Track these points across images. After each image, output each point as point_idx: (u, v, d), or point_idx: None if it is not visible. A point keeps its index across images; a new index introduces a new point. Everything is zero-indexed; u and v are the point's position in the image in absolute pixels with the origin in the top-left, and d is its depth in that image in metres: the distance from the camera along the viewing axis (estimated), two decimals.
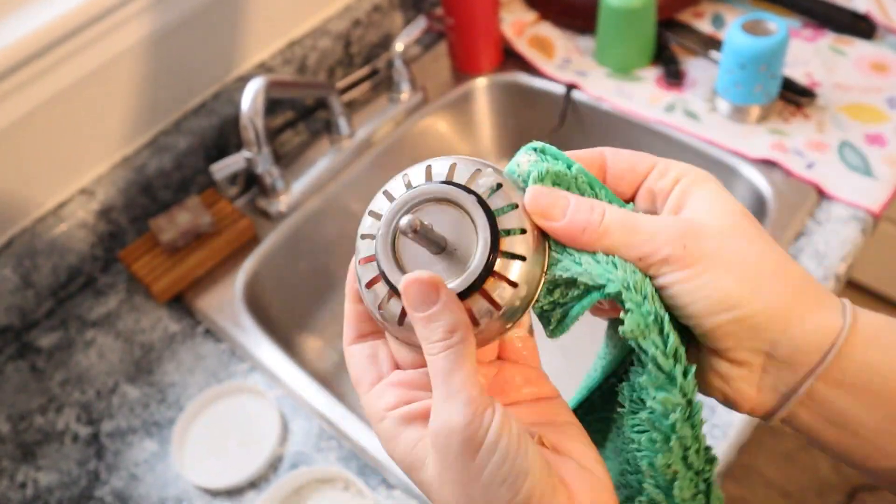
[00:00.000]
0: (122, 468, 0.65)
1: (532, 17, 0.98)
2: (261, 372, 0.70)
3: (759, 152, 0.78)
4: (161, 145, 0.80)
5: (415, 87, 0.91)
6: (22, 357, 0.74)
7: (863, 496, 1.42)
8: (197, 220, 0.76)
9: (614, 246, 0.29)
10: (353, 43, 0.93)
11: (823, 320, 0.28)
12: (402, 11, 0.98)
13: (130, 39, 0.74)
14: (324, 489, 0.63)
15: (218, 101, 0.84)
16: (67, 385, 0.71)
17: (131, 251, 0.77)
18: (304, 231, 0.83)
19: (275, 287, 0.81)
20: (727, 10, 0.95)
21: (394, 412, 0.30)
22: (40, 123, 0.71)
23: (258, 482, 0.63)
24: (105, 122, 0.77)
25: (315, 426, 0.66)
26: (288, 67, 0.87)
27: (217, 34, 0.82)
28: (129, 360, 0.72)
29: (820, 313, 0.29)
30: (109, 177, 0.78)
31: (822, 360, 0.28)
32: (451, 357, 0.27)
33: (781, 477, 1.45)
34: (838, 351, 0.28)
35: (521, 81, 0.93)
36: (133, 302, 0.77)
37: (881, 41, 0.87)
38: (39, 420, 0.69)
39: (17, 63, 0.66)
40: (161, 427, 0.67)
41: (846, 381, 0.28)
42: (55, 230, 0.74)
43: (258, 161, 0.76)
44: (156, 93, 0.80)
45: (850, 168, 0.76)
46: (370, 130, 0.88)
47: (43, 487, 0.65)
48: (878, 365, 0.28)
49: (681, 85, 0.87)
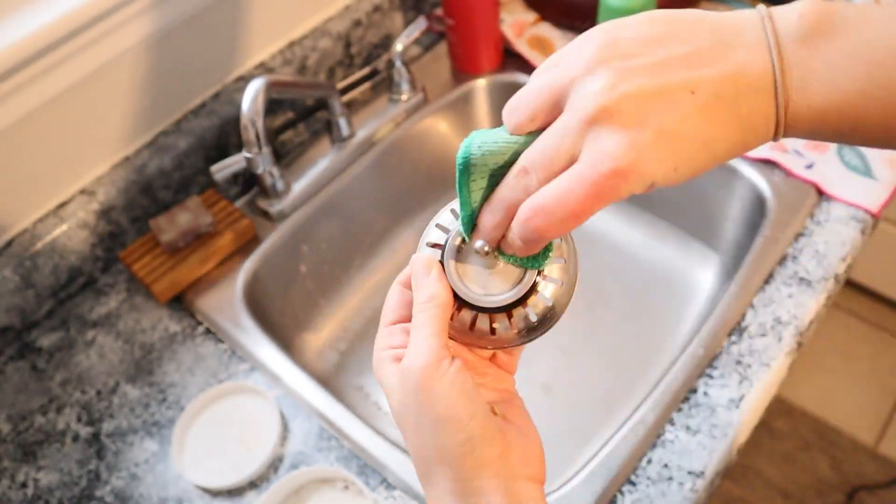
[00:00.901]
0: (123, 468, 0.65)
1: (532, 17, 0.98)
2: (261, 372, 0.70)
3: (759, 152, 0.78)
4: (161, 145, 0.80)
5: (415, 88, 0.91)
6: (22, 357, 0.74)
7: (862, 496, 1.42)
8: (197, 221, 0.76)
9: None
10: (354, 43, 0.93)
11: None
12: (402, 12, 0.98)
13: (131, 40, 0.74)
14: (324, 489, 0.63)
15: (218, 102, 0.84)
16: (68, 385, 0.71)
17: (132, 251, 0.77)
18: (304, 231, 0.83)
19: (275, 287, 0.81)
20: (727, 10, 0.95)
21: (389, 351, 0.37)
22: (40, 124, 0.71)
23: (258, 482, 0.63)
24: (105, 123, 0.77)
25: (315, 426, 0.66)
26: (288, 68, 0.87)
27: (217, 35, 0.82)
28: (130, 360, 0.72)
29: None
30: (110, 177, 0.78)
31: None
32: (425, 316, 0.35)
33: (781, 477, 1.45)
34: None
35: (521, 82, 0.93)
36: (133, 302, 0.77)
37: None
38: (40, 420, 0.69)
39: (18, 64, 0.66)
40: (161, 427, 0.67)
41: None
42: (55, 230, 0.74)
43: (258, 161, 0.76)
44: (156, 93, 0.80)
45: (849, 168, 0.76)
46: (370, 131, 0.88)
47: (43, 487, 0.65)
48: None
49: None
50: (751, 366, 0.64)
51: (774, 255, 0.71)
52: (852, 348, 1.62)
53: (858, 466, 1.45)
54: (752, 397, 0.62)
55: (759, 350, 0.65)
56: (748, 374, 0.63)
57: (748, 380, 0.63)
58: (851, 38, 0.30)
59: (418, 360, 0.34)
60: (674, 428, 0.61)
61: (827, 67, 0.30)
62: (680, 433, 0.61)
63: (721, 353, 0.65)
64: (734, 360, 0.65)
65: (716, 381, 0.63)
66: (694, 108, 0.30)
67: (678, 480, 0.58)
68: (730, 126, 0.31)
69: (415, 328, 0.35)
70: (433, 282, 0.36)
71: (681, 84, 0.30)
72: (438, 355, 0.34)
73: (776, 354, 0.64)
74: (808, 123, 0.31)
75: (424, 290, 0.36)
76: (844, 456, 1.47)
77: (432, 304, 0.35)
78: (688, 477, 0.59)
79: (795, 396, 1.55)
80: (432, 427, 0.34)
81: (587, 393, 0.80)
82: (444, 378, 0.34)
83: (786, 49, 0.31)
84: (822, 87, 0.31)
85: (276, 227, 0.81)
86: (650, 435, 0.61)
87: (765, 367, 0.64)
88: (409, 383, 0.34)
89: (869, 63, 0.30)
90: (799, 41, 0.31)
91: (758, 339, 0.66)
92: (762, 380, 0.63)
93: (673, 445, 0.60)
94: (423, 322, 0.35)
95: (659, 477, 0.59)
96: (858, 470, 1.45)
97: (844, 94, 0.30)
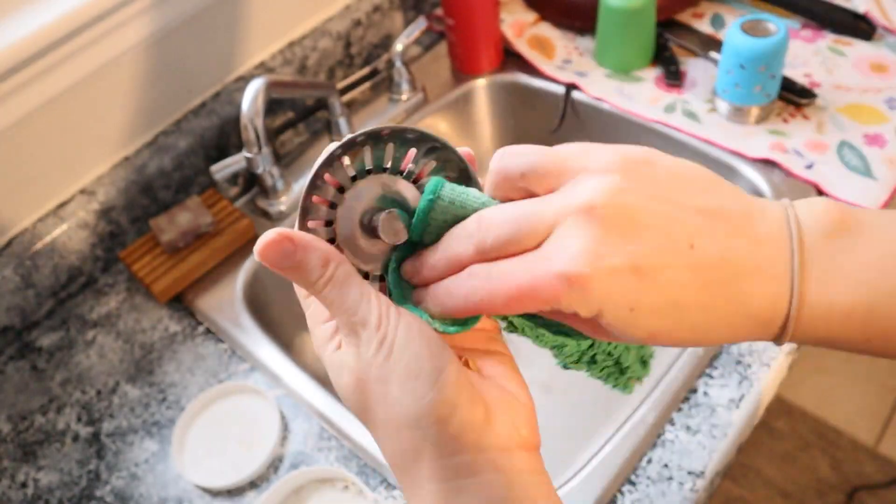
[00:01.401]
0: (123, 468, 0.65)
1: (532, 17, 0.98)
2: (261, 372, 0.70)
3: (759, 152, 0.78)
4: (161, 145, 0.80)
5: (415, 88, 0.91)
6: (23, 357, 0.74)
7: (862, 496, 1.42)
8: (197, 221, 0.76)
9: None
10: (354, 43, 0.93)
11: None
12: (402, 12, 0.98)
13: (131, 40, 0.74)
14: (324, 489, 0.63)
15: (218, 102, 0.84)
16: (68, 385, 0.71)
17: (132, 251, 0.77)
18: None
19: (275, 287, 0.81)
20: (727, 10, 0.95)
21: (327, 325, 0.32)
22: (41, 124, 0.71)
23: (258, 482, 0.63)
24: (105, 123, 0.77)
25: (315, 426, 0.66)
26: (288, 68, 0.87)
27: (217, 35, 0.82)
28: (130, 360, 0.72)
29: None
30: (110, 177, 0.78)
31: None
32: (335, 286, 0.29)
33: (781, 477, 1.45)
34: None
35: (521, 82, 0.93)
36: (133, 302, 0.77)
37: (881, 42, 0.87)
38: (40, 420, 0.69)
39: (18, 64, 0.66)
40: (161, 427, 0.67)
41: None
42: (56, 230, 0.74)
43: (258, 161, 0.76)
44: (156, 93, 0.80)
45: (849, 168, 0.76)
46: None
47: (43, 487, 0.65)
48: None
49: (681, 85, 0.87)
50: (751, 366, 0.64)
51: None
52: None
53: (858, 466, 1.45)
54: (752, 397, 0.62)
55: (759, 350, 0.65)
56: (748, 374, 0.63)
57: (748, 380, 0.63)
58: (873, 240, 0.28)
59: (371, 319, 0.29)
60: (674, 428, 0.61)
61: (852, 265, 0.28)
62: (680, 433, 0.61)
63: (721, 353, 0.65)
64: (734, 360, 0.65)
65: (716, 380, 0.63)
66: (685, 264, 0.26)
67: (678, 480, 0.58)
68: (719, 306, 0.27)
69: (335, 305, 0.29)
70: (309, 250, 0.30)
71: (684, 231, 0.27)
72: (383, 306, 0.29)
73: (776, 354, 0.64)
74: (823, 324, 0.28)
75: (309, 267, 0.29)
76: (844, 456, 1.47)
77: (329, 270, 0.29)
78: (688, 477, 0.59)
79: (795, 396, 1.55)
80: (400, 388, 0.28)
81: (587, 393, 0.80)
82: (401, 330, 0.28)
83: (807, 238, 0.28)
84: (849, 284, 0.27)
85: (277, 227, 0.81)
86: (650, 435, 0.61)
87: (765, 367, 0.64)
88: (370, 350, 0.29)
89: (886, 267, 0.27)
90: (822, 235, 0.28)
91: None
92: (762, 380, 0.63)
93: (673, 445, 0.60)
94: (339, 292, 0.29)
95: (659, 477, 0.59)
96: (858, 470, 1.45)
97: (875, 292, 0.27)
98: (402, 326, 0.28)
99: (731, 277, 0.27)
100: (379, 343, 0.28)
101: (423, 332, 0.29)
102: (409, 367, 0.28)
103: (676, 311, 0.27)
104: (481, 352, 0.32)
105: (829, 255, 0.28)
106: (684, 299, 0.26)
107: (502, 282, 0.27)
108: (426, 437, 0.28)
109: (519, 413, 0.30)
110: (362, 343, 0.29)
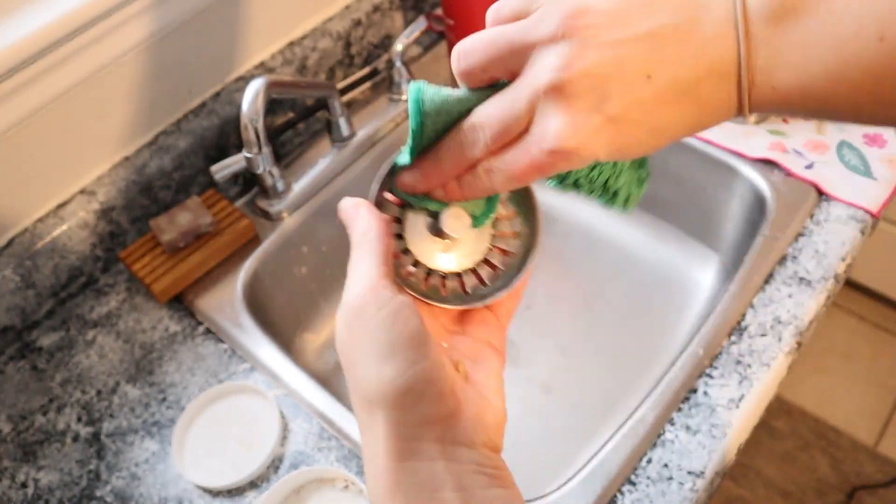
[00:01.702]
0: (123, 468, 0.65)
1: None
2: (261, 372, 0.70)
3: (759, 152, 0.78)
4: (161, 145, 0.80)
5: None
6: (23, 357, 0.74)
7: (862, 496, 1.42)
8: (197, 221, 0.76)
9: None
10: (353, 43, 0.93)
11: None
12: (402, 12, 0.98)
13: (131, 40, 0.74)
14: (324, 489, 0.63)
15: (218, 102, 0.84)
16: (68, 385, 0.71)
17: (132, 251, 0.77)
18: (304, 231, 0.83)
19: (275, 287, 0.81)
20: None
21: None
22: (41, 124, 0.71)
23: (258, 482, 0.63)
24: (105, 123, 0.77)
25: (315, 426, 0.66)
26: (288, 68, 0.87)
27: (217, 35, 0.82)
28: (130, 360, 0.73)
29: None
30: (110, 177, 0.78)
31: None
32: (362, 251, 0.33)
33: (781, 477, 1.45)
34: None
35: None
36: (134, 302, 0.77)
37: None
38: (40, 420, 0.69)
39: (18, 64, 0.66)
40: (161, 427, 0.67)
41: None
42: (56, 230, 0.74)
43: (258, 161, 0.76)
44: (156, 93, 0.80)
45: (849, 168, 0.76)
46: (370, 131, 0.88)
47: (44, 487, 0.65)
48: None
49: None
50: (751, 366, 0.64)
51: (774, 255, 0.71)
52: (852, 348, 1.62)
53: (858, 466, 1.45)
54: (752, 397, 0.62)
55: (758, 350, 0.65)
56: (748, 373, 0.63)
57: (748, 380, 0.63)
58: (821, 14, 0.29)
59: (356, 287, 0.32)
60: (674, 428, 0.61)
61: (795, 48, 0.29)
62: (680, 433, 0.61)
63: (721, 353, 0.65)
64: (734, 359, 0.65)
65: (716, 380, 0.63)
66: (649, 95, 0.30)
67: (678, 480, 0.58)
68: (685, 110, 0.30)
69: (351, 265, 0.33)
70: (364, 216, 0.34)
71: (638, 67, 0.29)
72: (377, 282, 0.32)
73: (776, 354, 0.64)
74: (770, 105, 0.31)
75: (357, 226, 0.34)
76: (844, 456, 1.47)
77: (366, 237, 0.33)
78: (688, 477, 0.59)
79: (795, 396, 1.55)
80: (378, 360, 0.31)
81: (587, 393, 0.80)
82: (388, 306, 0.31)
83: (754, 28, 0.29)
84: (789, 70, 0.29)
85: (276, 227, 0.81)
86: (650, 434, 0.61)
87: (765, 366, 0.64)
88: (348, 312, 0.32)
89: (837, 40, 0.29)
90: (768, 20, 0.29)
91: (758, 338, 0.66)
92: (762, 380, 0.63)
93: (673, 445, 0.60)
94: (360, 256, 0.33)
95: (659, 477, 0.59)
96: (858, 470, 1.45)
97: (811, 77, 0.29)
98: (390, 307, 0.32)
99: (688, 89, 0.30)
100: (363, 312, 0.32)
101: (410, 322, 0.31)
102: (389, 344, 0.31)
103: (655, 134, 0.31)
104: (477, 362, 0.35)
105: (769, 40, 0.30)
106: (659, 122, 0.30)
107: (511, 170, 0.32)
108: (390, 409, 0.31)
109: (488, 418, 0.33)
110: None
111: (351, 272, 0.33)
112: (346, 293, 0.33)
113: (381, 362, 0.31)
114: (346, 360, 0.33)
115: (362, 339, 0.31)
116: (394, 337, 0.31)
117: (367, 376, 0.31)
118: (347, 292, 0.33)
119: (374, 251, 0.33)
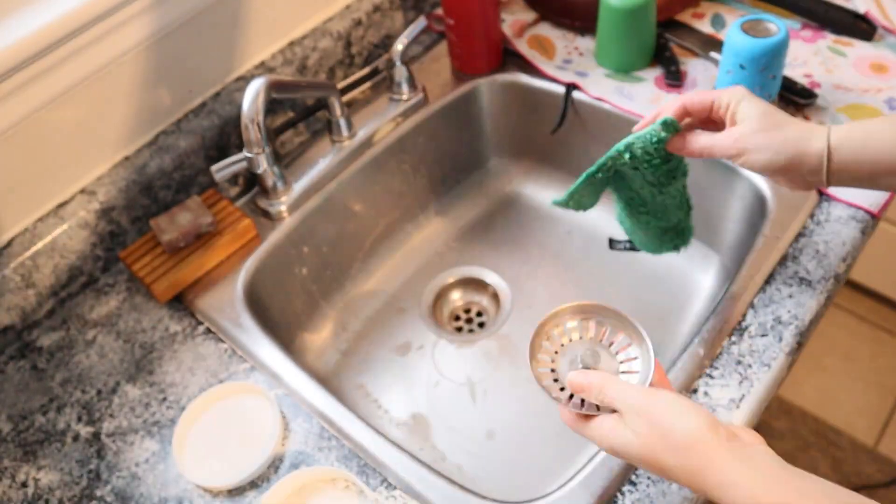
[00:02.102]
0: (123, 468, 0.65)
1: (532, 17, 0.99)
2: (261, 372, 0.70)
3: None
4: (162, 145, 0.80)
5: (415, 88, 0.91)
6: (23, 357, 0.74)
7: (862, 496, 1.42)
8: (198, 220, 0.76)
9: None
10: (354, 43, 0.93)
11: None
12: (402, 12, 0.98)
13: (131, 40, 0.74)
14: (324, 489, 0.63)
15: (218, 102, 0.84)
16: (68, 385, 0.71)
17: (132, 251, 0.77)
18: (304, 231, 0.83)
19: (275, 287, 0.81)
20: (727, 10, 0.95)
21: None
22: (41, 124, 0.71)
23: (259, 482, 0.63)
24: (106, 123, 0.77)
25: (316, 426, 0.66)
26: (288, 68, 0.87)
27: (217, 35, 0.82)
28: (130, 359, 0.73)
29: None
30: (110, 177, 0.78)
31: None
32: (597, 386, 0.51)
33: None
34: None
35: (521, 81, 0.93)
36: (134, 302, 0.77)
37: (881, 42, 0.87)
38: (40, 420, 0.69)
39: (18, 63, 0.66)
40: (162, 427, 0.67)
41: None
42: (56, 230, 0.74)
43: (259, 161, 0.76)
44: (156, 93, 0.80)
45: None
46: (370, 130, 0.88)
47: (44, 487, 0.65)
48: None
49: (681, 85, 0.87)
50: (751, 366, 0.64)
51: (774, 255, 0.71)
52: (852, 348, 1.62)
53: (858, 466, 1.45)
54: (752, 397, 0.62)
55: (759, 350, 0.65)
56: (748, 374, 0.63)
57: (748, 380, 0.63)
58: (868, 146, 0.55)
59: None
60: None
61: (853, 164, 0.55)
62: None
63: (721, 353, 0.65)
64: (734, 360, 0.65)
65: (716, 381, 0.63)
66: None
67: None
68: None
69: (593, 392, 0.51)
70: (596, 386, 0.52)
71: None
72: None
73: (776, 354, 0.64)
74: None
75: (588, 387, 0.52)
76: (844, 456, 1.47)
77: (595, 384, 0.51)
78: None
79: (795, 396, 1.55)
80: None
81: None
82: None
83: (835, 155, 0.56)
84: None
85: (277, 227, 0.81)
86: None
87: (765, 367, 0.64)
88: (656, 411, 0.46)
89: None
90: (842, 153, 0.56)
91: (758, 339, 0.66)
92: (762, 380, 0.63)
93: None
94: (599, 385, 0.51)
95: (659, 477, 0.59)
96: (858, 470, 1.45)
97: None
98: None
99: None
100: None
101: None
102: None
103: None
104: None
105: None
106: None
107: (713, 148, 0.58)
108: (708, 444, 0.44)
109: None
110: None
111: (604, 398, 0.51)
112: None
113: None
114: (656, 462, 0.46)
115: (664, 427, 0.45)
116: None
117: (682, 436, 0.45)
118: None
119: (611, 384, 0.51)
